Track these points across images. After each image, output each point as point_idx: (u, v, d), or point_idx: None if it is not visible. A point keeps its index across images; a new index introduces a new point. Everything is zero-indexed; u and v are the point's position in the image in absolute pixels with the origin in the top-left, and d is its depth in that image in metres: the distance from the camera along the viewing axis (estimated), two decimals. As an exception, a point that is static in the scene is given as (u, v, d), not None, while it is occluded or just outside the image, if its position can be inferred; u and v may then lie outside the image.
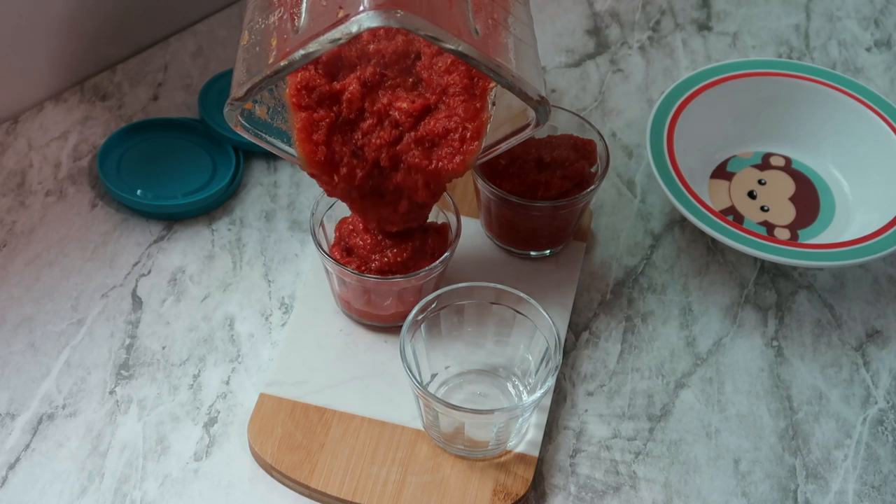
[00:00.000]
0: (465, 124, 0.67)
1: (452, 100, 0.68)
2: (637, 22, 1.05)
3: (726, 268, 0.85)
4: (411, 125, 0.68)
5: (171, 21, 0.98)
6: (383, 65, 0.68)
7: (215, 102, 0.91)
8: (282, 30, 0.64)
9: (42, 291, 0.80)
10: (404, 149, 0.68)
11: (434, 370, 0.74)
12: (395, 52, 0.68)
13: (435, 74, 0.68)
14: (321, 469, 0.70)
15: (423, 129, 0.68)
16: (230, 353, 0.77)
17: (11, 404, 0.73)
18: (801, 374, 0.78)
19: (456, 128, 0.68)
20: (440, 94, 0.68)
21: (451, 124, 0.67)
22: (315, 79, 0.67)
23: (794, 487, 0.73)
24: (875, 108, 0.88)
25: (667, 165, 0.83)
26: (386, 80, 0.68)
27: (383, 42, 0.68)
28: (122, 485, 0.70)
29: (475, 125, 0.67)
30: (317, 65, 0.67)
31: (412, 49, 0.69)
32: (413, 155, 0.68)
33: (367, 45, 0.68)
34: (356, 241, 0.73)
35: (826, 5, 1.08)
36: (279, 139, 0.69)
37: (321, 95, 0.67)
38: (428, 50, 0.69)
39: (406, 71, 0.69)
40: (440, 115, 0.68)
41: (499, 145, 0.70)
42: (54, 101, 0.92)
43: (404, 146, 0.68)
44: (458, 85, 0.68)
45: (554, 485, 0.72)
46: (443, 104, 0.68)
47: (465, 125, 0.67)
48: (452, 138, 0.68)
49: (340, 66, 0.68)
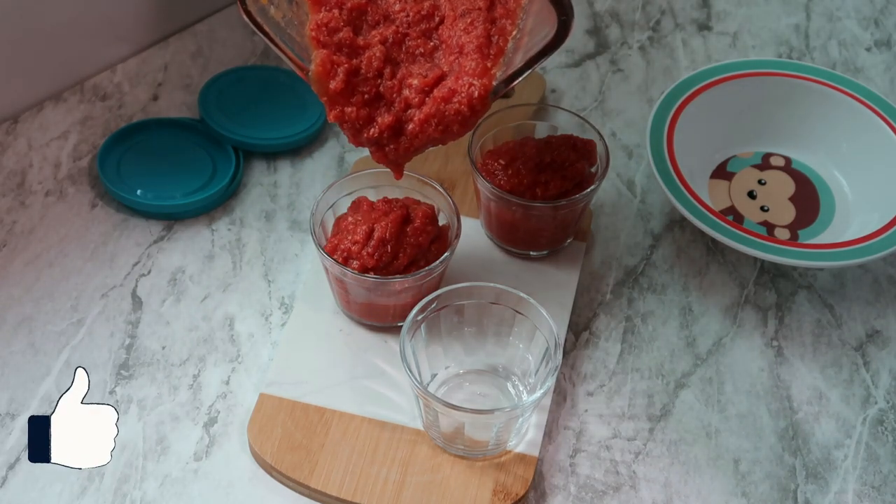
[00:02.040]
0: (471, 81, 0.66)
1: (464, 59, 0.67)
2: (637, 22, 1.05)
3: (726, 268, 0.85)
4: (422, 101, 0.67)
5: (171, 21, 0.98)
6: (406, 24, 0.69)
7: (215, 102, 0.91)
8: None
9: (42, 291, 0.80)
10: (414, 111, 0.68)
11: (434, 370, 0.74)
12: (418, 13, 0.69)
13: (454, 35, 0.68)
14: (321, 469, 0.70)
15: (432, 97, 0.68)
16: (230, 353, 0.77)
17: (11, 404, 0.73)
18: (801, 374, 0.78)
19: (461, 87, 0.67)
20: (456, 55, 0.68)
21: (457, 85, 0.67)
22: (338, 21, 0.67)
23: (794, 487, 0.73)
24: (875, 108, 0.88)
25: (667, 165, 0.83)
26: (407, 41, 0.69)
27: (410, 4, 0.69)
28: (122, 485, 0.70)
29: (482, 83, 0.66)
30: (341, 10, 0.68)
31: (437, 13, 0.69)
32: (423, 109, 0.68)
33: (393, 4, 0.69)
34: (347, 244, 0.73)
35: (826, 5, 1.08)
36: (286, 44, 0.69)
37: (341, 42, 0.67)
38: (451, 13, 0.69)
39: (427, 34, 0.69)
40: (448, 81, 0.67)
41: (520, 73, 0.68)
42: (54, 101, 0.92)
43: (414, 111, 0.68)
44: (472, 44, 0.67)
45: (554, 485, 0.72)
46: (456, 65, 0.68)
47: (472, 82, 0.66)
48: (460, 94, 0.67)
49: (364, 21, 0.69)
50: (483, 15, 0.68)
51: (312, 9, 0.68)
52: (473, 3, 0.69)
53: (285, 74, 0.95)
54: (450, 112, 0.67)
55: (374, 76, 0.68)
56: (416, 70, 0.68)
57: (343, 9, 0.68)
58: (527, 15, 0.69)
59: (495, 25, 0.68)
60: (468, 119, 0.67)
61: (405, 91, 0.68)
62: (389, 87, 0.68)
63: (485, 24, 0.68)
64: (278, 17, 0.69)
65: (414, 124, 0.68)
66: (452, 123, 0.67)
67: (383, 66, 0.68)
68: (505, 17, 0.69)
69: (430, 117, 0.67)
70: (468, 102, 0.66)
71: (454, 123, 0.67)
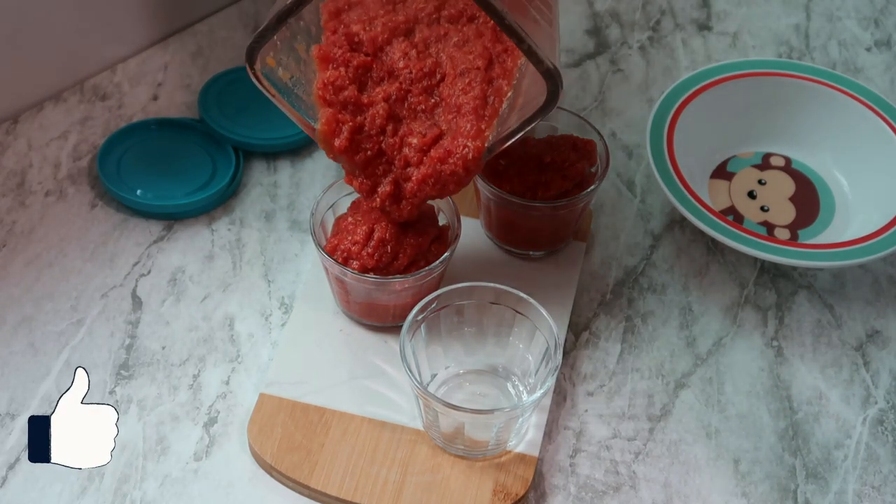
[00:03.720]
0: (465, 143, 0.69)
1: (461, 119, 0.70)
2: (637, 22, 1.05)
3: (726, 268, 0.85)
4: (420, 160, 0.70)
5: (171, 21, 0.98)
6: (409, 81, 0.71)
7: (215, 102, 0.91)
8: None
9: (42, 291, 0.80)
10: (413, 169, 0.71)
11: (434, 370, 0.74)
12: (421, 70, 0.70)
13: (454, 94, 0.70)
14: (321, 469, 0.70)
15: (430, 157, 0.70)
16: (230, 353, 0.77)
17: (11, 404, 0.73)
18: (801, 374, 0.78)
19: (456, 149, 0.69)
20: (454, 115, 0.70)
21: (452, 146, 0.69)
22: (344, 80, 0.69)
23: (794, 487, 0.73)
24: (875, 108, 0.88)
25: (667, 165, 0.83)
26: (409, 98, 0.71)
27: (413, 61, 0.71)
28: (122, 485, 0.70)
29: (475, 145, 0.69)
30: (347, 67, 0.70)
31: (439, 70, 0.71)
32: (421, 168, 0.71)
33: (398, 61, 0.71)
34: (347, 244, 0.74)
35: (826, 5, 1.08)
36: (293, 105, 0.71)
37: (346, 100, 0.69)
38: (452, 71, 0.71)
39: (429, 91, 0.71)
40: (445, 142, 0.70)
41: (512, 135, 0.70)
42: (54, 101, 0.92)
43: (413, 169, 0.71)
44: (469, 105, 0.69)
45: (554, 485, 0.72)
46: (454, 125, 0.70)
47: (466, 144, 0.69)
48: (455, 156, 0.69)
49: (369, 77, 0.71)
50: (481, 75, 0.70)
51: (321, 66, 0.70)
52: (472, 62, 0.71)
53: (285, 74, 0.95)
54: (445, 172, 0.69)
55: (377, 133, 0.70)
56: (416, 128, 0.70)
57: (349, 67, 0.70)
58: (522, 75, 0.72)
59: (492, 86, 0.71)
60: (463, 178, 0.70)
61: (405, 149, 0.70)
62: (391, 145, 0.70)
63: (482, 84, 0.70)
64: (286, 78, 0.71)
65: (412, 184, 0.70)
66: (448, 183, 0.70)
67: (386, 123, 0.70)
68: (502, 77, 0.71)
69: (427, 177, 0.70)
70: (462, 164, 0.69)
71: (450, 183, 0.70)
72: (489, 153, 0.70)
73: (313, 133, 0.70)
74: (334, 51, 0.70)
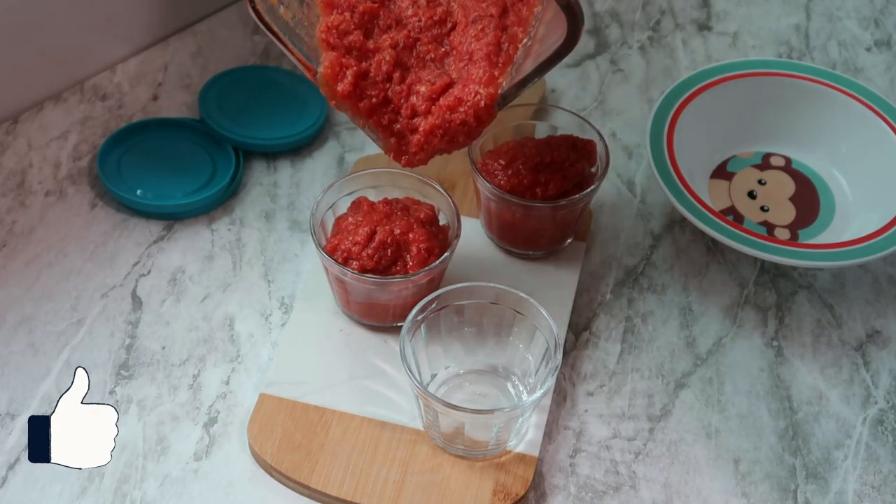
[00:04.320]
0: (477, 90, 0.66)
1: (473, 66, 0.67)
2: (637, 22, 1.05)
3: (726, 268, 0.85)
4: (428, 108, 0.67)
5: (171, 21, 0.98)
6: (418, 29, 0.68)
7: (215, 102, 0.91)
8: None
9: (42, 291, 0.80)
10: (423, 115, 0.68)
11: (434, 370, 0.74)
12: (430, 18, 0.68)
13: (465, 42, 0.67)
14: (321, 469, 0.70)
15: (438, 106, 0.68)
16: (230, 353, 0.77)
17: (11, 404, 0.73)
18: (801, 374, 0.78)
19: (467, 96, 0.66)
20: (466, 63, 0.67)
21: (463, 93, 0.66)
22: (349, 24, 0.67)
23: (794, 487, 0.73)
24: (875, 108, 0.88)
25: (667, 165, 0.83)
26: (418, 46, 0.68)
27: (423, 9, 0.68)
28: (122, 485, 0.70)
29: (488, 92, 0.66)
30: (353, 13, 0.67)
31: (450, 19, 0.69)
32: (431, 117, 0.68)
33: (406, 9, 0.68)
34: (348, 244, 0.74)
35: (826, 5, 1.08)
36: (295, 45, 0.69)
37: (351, 45, 0.67)
38: (464, 19, 0.68)
39: (438, 40, 0.68)
40: (455, 90, 0.67)
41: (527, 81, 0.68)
42: (54, 101, 0.92)
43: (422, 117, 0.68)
44: (482, 51, 0.67)
45: (554, 485, 0.72)
46: (465, 73, 0.67)
47: (478, 91, 0.66)
48: (465, 104, 0.66)
49: (375, 25, 0.68)
50: (494, 22, 0.68)
51: (324, 11, 0.68)
52: (486, 9, 0.68)
53: (285, 74, 0.95)
54: (455, 122, 0.66)
55: (383, 80, 0.67)
56: (425, 76, 0.68)
57: (355, 12, 0.68)
58: (538, 23, 0.69)
59: (506, 33, 0.68)
60: (474, 129, 0.67)
61: (413, 98, 0.67)
62: (398, 93, 0.67)
63: (495, 31, 0.67)
64: (287, 17, 0.68)
65: (419, 135, 0.68)
66: (458, 134, 0.67)
67: (393, 70, 0.67)
68: (517, 25, 0.68)
69: (435, 128, 0.67)
70: (474, 113, 0.66)
71: (459, 134, 0.67)
72: (503, 102, 0.67)
73: (314, 77, 0.67)
74: None
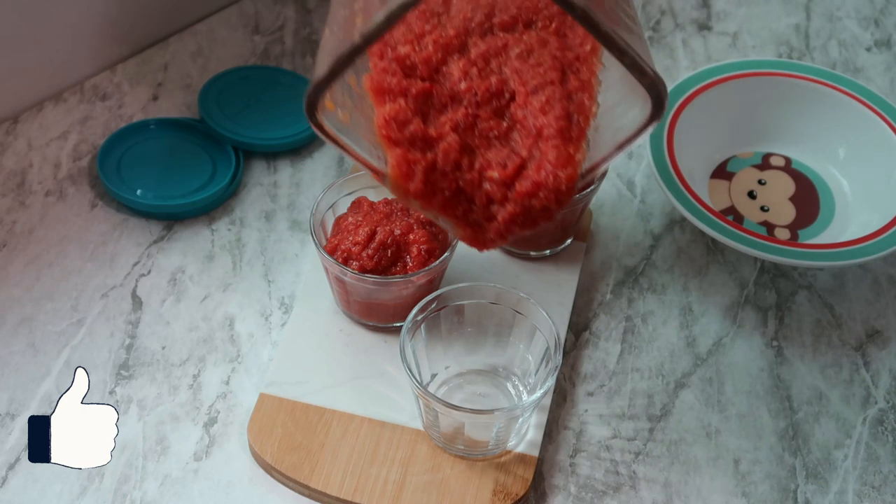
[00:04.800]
0: (556, 173, 0.60)
1: (545, 144, 0.61)
2: (637, 22, 1.05)
3: (726, 268, 0.85)
4: (504, 195, 0.61)
5: (171, 21, 0.98)
6: (475, 105, 0.62)
7: (215, 102, 0.91)
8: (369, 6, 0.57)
9: (42, 291, 0.80)
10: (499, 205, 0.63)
11: (434, 370, 0.74)
12: (487, 90, 0.62)
13: (530, 115, 0.61)
14: (321, 469, 0.70)
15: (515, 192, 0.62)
16: (230, 353, 0.77)
17: (11, 404, 0.73)
18: (801, 374, 0.78)
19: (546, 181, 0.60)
20: (535, 139, 0.61)
21: (541, 177, 0.60)
22: (406, 113, 0.60)
23: (794, 487, 0.73)
24: (875, 108, 0.88)
25: (667, 165, 0.83)
26: (479, 123, 0.62)
27: (476, 80, 0.62)
28: (122, 485, 0.70)
29: (568, 174, 0.60)
30: (406, 97, 0.61)
31: (506, 88, 0.63)
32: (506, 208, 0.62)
33: (459, 82, 0.62)
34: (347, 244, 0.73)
35: (826, 5, 1.08)
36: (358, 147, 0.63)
37: (413, 136, 0.60)
38: (522, 89, 0.62)
39: (499, 113, 0.62)
40: (530, 172, 0.61)
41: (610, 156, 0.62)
42: (54, 101, 0.92)
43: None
44: (552, 127, 0.61)
45: (554, 485, 0.72)
46: (536, 151, 0.61)
47: (557, 174, 0.60)
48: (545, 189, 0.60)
49: (430, 105, 0.62)
50: (559, 91, 0.62)
51: (376, 101, 0.61)
52: (544, 76, 0.62)
53: (285, 74, 0.95)
54: (536, 208, 0.61)
55: (453, 169, 0.61)
56: (493, 157, 0.62)
57: (408, 96, 0.61)
58: (605, 86, 0.63)
59: (572, 101, 0.62)
60: (554, 212, 0.61)
61: (486, 184, 0.61)
62: (469, 181, 0.61)
63: (562, 101, 0.61)
64: (346, 121, 0.62)
65: (499, 224, 0.62)
66: (538, 218, 0.61)
67: (460, 156, 0.61)
68: (581, 90, 0.62)
69: (515, 216, 0.61)
70: (555, 197, 0.60)
71: (540, 218, 0.61)
72: (582, 180, 0.61)
73: (382, 178, 0.61)
74: (388, 80, 0.61)
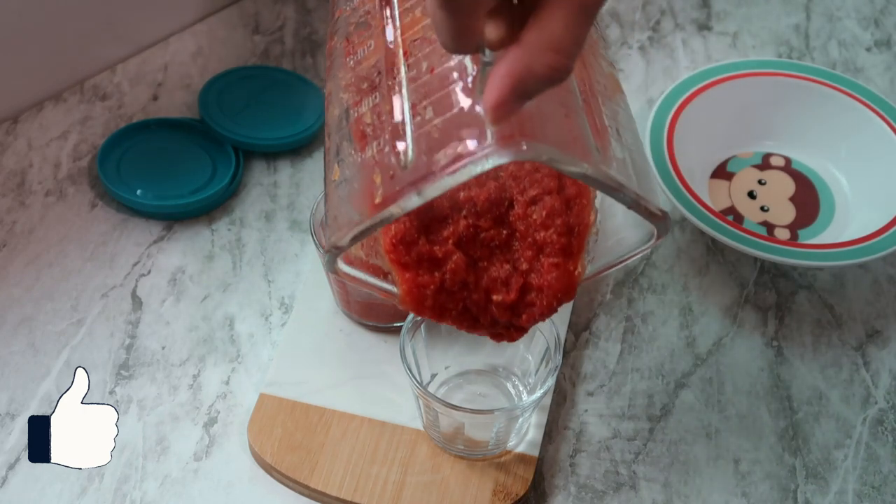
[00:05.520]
0: (558, 297, 0.61)
1: (546, 260, 0.61)
2: (637, 22, 1.05)
3: (726, 268, 0.85)
4: (509, 317, 0.62)
5: (171, 21, 0.98)
6: (475, 215, 0.62)
7: (215, 102, 0.91)
8: (385, 165, 0.56)
9: (42, 291, 0.80)
10: None
11: (434, 370, 0.74)
12: (486, 199, 0.62)
13: (531, 228, 0.62)
14: (321, 469, 0.70)
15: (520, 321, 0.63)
16: (230, 353, 0.77)
17: (11, 404, 0.73)
18: (801, 374, 0.78)
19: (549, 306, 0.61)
20: (536, 252, 0.62)
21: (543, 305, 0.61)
22: (411, 232, 0.60)
23: (794, 487, 0.73)
24: (875, 108, 0.88)
25: (667, 165, 0.83)
26: (480, 234, 0.62)
27: (474, 189, 0.62)
28: (122, 485, 0.70)
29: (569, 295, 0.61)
30: (409, 215, 0.60)
31: (504, 196, 0.63)
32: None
33: (457, 192, 0.62)
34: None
35: (826, 5, 1.08)
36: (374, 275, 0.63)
37: (420, 256, 0.60)
38: (521, 198, 0.62)
39: (499, 221, 0.62)
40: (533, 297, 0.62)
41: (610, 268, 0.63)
42: (54, 101, 0.92)
43: None
44: (555, 244, 0.61)
45: (554, 485, 0.72)
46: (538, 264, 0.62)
47: (559, 298, 0.61)
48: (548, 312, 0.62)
49: (431, 217, 0.62)
50: (557, 202, 0.62)
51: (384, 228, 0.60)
52: (542, 182, 0.62)
53: (285, 74, 0.95)
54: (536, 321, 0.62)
55: (460, 289, 0.61)
56: (496, 273, 0.62)
57: (410, 214, 0.60)
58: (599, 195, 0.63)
59: (571, 210, 0.62)
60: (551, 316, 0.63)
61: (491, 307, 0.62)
62: (475, 303, 0.62)
63: (562, 216, 0.61)
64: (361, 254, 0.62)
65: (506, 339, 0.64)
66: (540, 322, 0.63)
67: (466, 275, 0.61)
68: (579, 196, 0.63)
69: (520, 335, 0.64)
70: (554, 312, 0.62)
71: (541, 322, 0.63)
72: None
73: (394, 298, 0.62)
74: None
